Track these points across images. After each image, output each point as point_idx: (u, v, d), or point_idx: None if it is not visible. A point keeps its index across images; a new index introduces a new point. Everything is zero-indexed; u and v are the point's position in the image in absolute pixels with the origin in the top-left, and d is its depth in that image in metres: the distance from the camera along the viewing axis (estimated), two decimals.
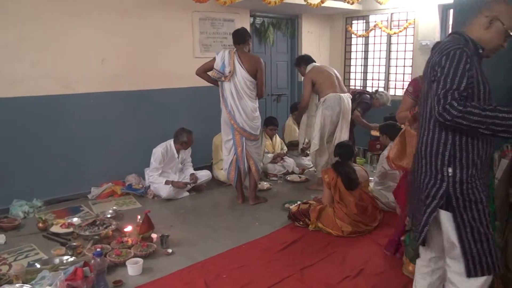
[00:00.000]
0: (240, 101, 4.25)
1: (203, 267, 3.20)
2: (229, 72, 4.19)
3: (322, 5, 5.79)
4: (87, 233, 3.63)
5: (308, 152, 6.20)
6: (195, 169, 5.16)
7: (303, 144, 5.47)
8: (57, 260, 3.12)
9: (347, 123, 4.97)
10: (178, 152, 4.95)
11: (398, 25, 6.55)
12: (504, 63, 3.32)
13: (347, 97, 4.91)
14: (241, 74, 4.19)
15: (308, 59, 5.08)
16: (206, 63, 4.35)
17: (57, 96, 4.56)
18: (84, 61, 4.69)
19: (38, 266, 3.04)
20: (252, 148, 4.45)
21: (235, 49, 4.29)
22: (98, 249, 3.02)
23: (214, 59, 4.29)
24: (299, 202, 4.21)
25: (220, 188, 5.23)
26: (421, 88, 2.88)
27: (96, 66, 4.80)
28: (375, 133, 5.59)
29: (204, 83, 4.45)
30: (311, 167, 6.01)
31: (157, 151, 4.81)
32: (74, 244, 3.39)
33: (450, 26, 5.61)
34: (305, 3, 5.63)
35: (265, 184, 5.21)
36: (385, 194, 4.27)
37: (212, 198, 4.92)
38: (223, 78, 4.23)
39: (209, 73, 4.31)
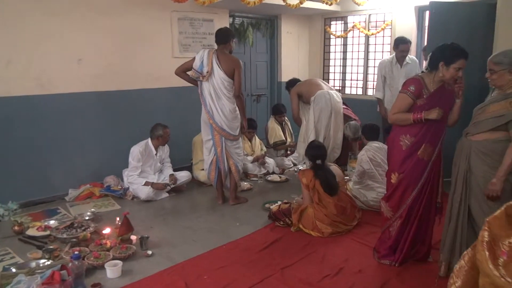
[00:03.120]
0: (218, 101, 4.25)
1: (184, 268, 3.18)
2: (207, 72, 4.18)
3: (301, 5, 5.84)
4: (64, 235, 3.56)
5: (289, 152, 6.28)
6: (174, 170, 5.13)
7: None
8: (33, 264, 3.05)
9: (341, 119, 5.15)
10: (156, 148, 4.92)
11: (376, 26, 6.64)
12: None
13: (336, 93, 5.14)
14: (219, 74, 4.19)
15: (294, 82, 5.53)
16: (185, 63, 4.34)
17: (33, 96, 4.46)
18: (61, 60, 4.61)
19: (13, 270, 2.97)
20: (232, 148, 4.45)
21: (214, 49, 4.29)
22: (76, 252, 2.98)
23: (193, 59, 4.28)
24: (279, 202, 4.23)
25: (200, 188, 5.21)
26: (422, 89, 2.89)
27: (73, 66, 4.71)
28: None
29: (183, 83, 4.43)
30: (291, 167, 6.05)
31: (135, 150, 4.77)
32: (51, 247, 3.34)
33: (426, 28, 5.72)
34: (284, 3, 5.66)
35: (245, 184, 5.21)
36: (363, 193, 4.32)
37: (192, 199, 4.90)
38: (201, 78, 4.23)
39: (188, 72, 4.31)
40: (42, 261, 3.11)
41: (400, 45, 5.29)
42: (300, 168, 5.81)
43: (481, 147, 2.66)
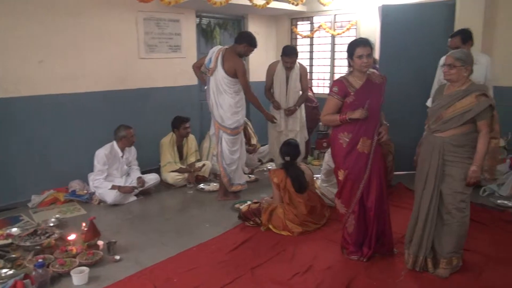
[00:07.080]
0: (219, 96, 4.46)
1: (152, 272, 3.14)
2: (211, 67, 4.41)
3: (268, 6, 5.88)
4: (27, 243, 3.44)
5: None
6: (142, 173, 5.05)
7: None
8: None
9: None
10: (122, 151, 4.83)
11: (341, 26, 6.75)
12: None
13: None
14: (220, 72, 4.37)
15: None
16: (201, 58, 4.63)
17: None
18: (22, 62, 4.46)
19: None
20: (224, 142, 4.55)
21: (225, 47, 4.46)
22: (40, 260, 2.90)
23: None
24: (249, 202, 4.24)
25: (169, 191, 5.16)
26: (346, 87, 3.04)
27: (35, 67, 4.57)
28: None
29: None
30: (260, 165, 6.08)
31: (100, 153, 4.67)
32: (13, 256, 3.22)
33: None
34: (250, 4, 5.68)
35: (214, 185, 5.19)
36: (331, 191, 4.37)
37: (160, 201, 4.85)
38: (208, 73, 4.49)
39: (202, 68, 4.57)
40: (4, 270, 3.01)
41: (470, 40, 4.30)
42: (269, 167, 5.84)
43: (453, 141, 2.84)
